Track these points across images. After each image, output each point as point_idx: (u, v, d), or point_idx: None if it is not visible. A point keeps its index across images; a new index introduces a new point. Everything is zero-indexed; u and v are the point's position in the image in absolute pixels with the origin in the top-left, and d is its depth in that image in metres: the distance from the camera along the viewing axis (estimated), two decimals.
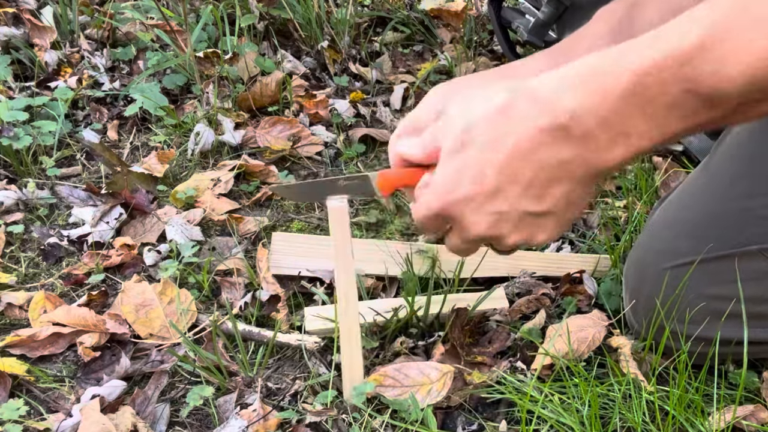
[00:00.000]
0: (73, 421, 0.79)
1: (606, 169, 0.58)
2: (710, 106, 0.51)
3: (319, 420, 0.79)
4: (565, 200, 0.60)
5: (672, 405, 0.77)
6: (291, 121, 1.38)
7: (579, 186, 0.59)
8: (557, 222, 0.62)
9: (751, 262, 0.78)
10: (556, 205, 0.60)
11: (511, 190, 0.59)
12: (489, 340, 0.91)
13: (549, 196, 0.59)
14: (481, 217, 0.61)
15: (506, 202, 0.60)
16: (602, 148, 0.56)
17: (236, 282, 1.01)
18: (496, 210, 0.60)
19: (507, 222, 0.61)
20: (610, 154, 0.56)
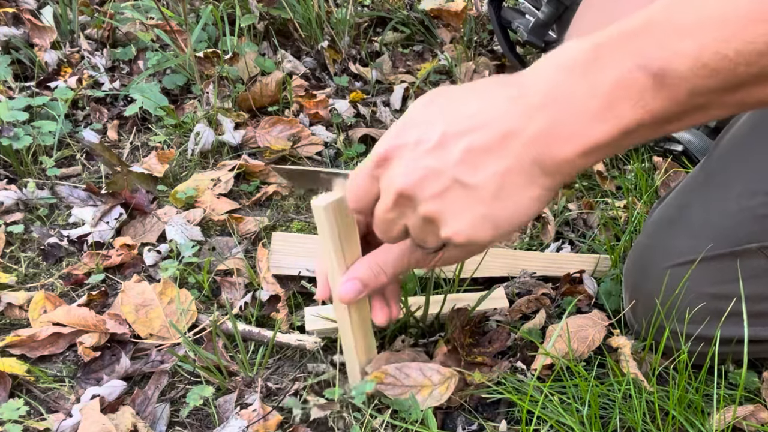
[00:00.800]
0: (73, 421, 0.79)
1: (553, 165, 0.52)
2: (660, 87, 0.47)
3: (324, 414, 0.79)
4: (497, 181, 0.53)
5: (672, 405, 0.77)
6: (291, 121, 1.38)
7: (519, 173, 0.53)
8: (481, 209, 0.55)
9: (751, 260, 0.78)
10: (486, 183, 0.54)
11: (451, 148, 0.54)
12: (489, 340, 0.91)
13: (483, 167, 0.53)
14: (412, 167, 0.55)
15: (442, 159, 0.54)
16: (551, 133, 0.51)
17: (236, 282, 1.01)
18: (430, 165, 0.55)
19: (433, 182, 0.55)
20: (560, 146, 0.51)
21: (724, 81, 0.46)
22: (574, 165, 0.52)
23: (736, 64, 0.44)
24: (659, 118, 0.49)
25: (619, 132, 0.50)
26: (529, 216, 0.56)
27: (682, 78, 0.46)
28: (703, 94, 0.47)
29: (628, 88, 0.48)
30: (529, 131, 0.52)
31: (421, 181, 0.55)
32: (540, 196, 0.55)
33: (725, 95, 0.47)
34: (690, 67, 0.46)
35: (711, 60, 0.45)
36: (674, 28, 0.46)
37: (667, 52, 0.46)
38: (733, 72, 0.45)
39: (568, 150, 0.51)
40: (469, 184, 0.54)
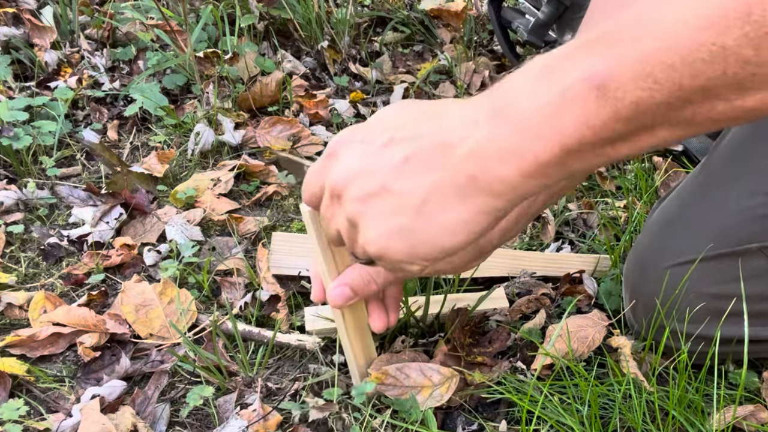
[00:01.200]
0: (73, 421, 0.79)
1: (491, 183, 0.48)
2: (603, 100, 0.43)
3: (323, 416, 0.79)
4: (424, 193, 0.50)
5: (672, 405, 0.77)
6: (291, 121, 1.38)
7: (450, 188, 0.49)
8: (399, 220, 0.51)
9: (751, 260, 0.78)
10: (412, 193, 0.50)
11: (391, 153, 0.51)
12: (489, 340, 0.91)
13: (414, 176, 0.50)
14: (348, 165, 0.53)
15: (379, 162, 0.52)
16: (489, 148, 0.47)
17: (236, 282, 1.01)
18: (364, 166, 0.52)
19: (362, 183, 0.52)
20: (498, 163, 0.47)
21: (669, 94, 0.42)
22: (516, 187, 0.48)
23: (681, 75, 0.41)
24: (603, 137, 0.45)
25: (561, 150, 0.46)
26: (454, 242, 0.51)
27: (626, 90, 0.43)
28: (648, 110, 0.43)
29: (570, 102, 0.44)
30: (467, 144, 0.48)
31: (352, 181, 0.53)
32: (471, 220, 0.50)
33: (671, 112, 0.43)
34: (633, 78, 0.42)
35: (654, 70, 0.42)
36: (621, 39, 0.43)
37: (611, 62, 0.43)
38: (678, 85, 0.41)
39: (506, 168, 0.47)
40: (395, 192, 0.51)
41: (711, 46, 0.40)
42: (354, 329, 0.77)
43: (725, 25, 0.39)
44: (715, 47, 0.40)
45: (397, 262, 0.54)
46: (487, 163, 0.48)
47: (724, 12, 0.39)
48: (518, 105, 0.47)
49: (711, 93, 0.42)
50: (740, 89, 0.41)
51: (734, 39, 0.39)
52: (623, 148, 0.46)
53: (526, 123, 0.46)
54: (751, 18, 0.39)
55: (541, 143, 0.46)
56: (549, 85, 0.46)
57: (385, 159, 0.51)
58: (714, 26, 0.40)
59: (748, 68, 0.40)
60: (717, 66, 0.40)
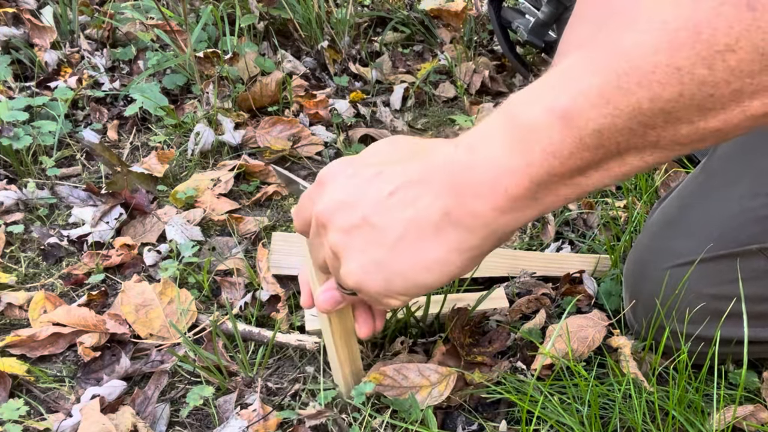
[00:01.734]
0: (73, 421, 0.79)
1: (465, 218, 0.48)
2: (567, 129, 0.44)
3: (318, 423, 0.79)
4: (401, 228, 0.51)
5: (672, 405, 0.77)
6: (291, 121, 1.38)
7: (425, 224, 0.50)
8: (377, 254, 0.52)
9: (752, 261, 0.78)
10: (390, 228, 0.51)
11: (377, 187, 0.52)
12: (489, 340, 0.91)
13: (393, 212, 0.51)
14: (335, 196, 0.54)
15: (364, 195, 0.52)
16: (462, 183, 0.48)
17: (236, 282, 1.01)
18: (349, 198, 0.53)
19: (346, 215, 0.53)
20: (471, 198, 0.48)
21: (629, 119, 0.42)
22: (489, 222, 0.48)
23: (638, 99, 0.41)
24: (571, 167, 0.45)
25: (531, 182, 0.46)
26: (429, 279, 0.51)
27: (588, 118, 0.43)
28: (611, 135, 0.43)
29: (536, 134, 0.45)
30: (442, 180, 0.49)
31: (336, 211, 0.53)
32: (445, 258, 0.50)
33: (635, 138, 0.43)
34: (593, 105, 0.42)
35: (614, 95, 0.41)
36: (583, 67, 0.43)
37: (573, 91, 0.43)
38: (638, 108, 0.41)
39: (479, 203, 0.48)
40: (375, 225, 0.51)
41: (665, 68, 0.40)
42: (340, 336, 0.76)
43: (677, 46, 0.39)
44: (669, 68, 0.40)
45: (374, 294, 0.55)
46: (461, 199, 0.48)
47: (675, 32, 0.39)
48: (489, 141, 0.48)
49: (672, 116, 0.41)
50: (701, 110, 0.41)
51: (687, 59, 0.39)
52: (593, 177, 0.46)
53: (497, 157, 0.47)
54: (701, 37, 0.38)
55: (511, 177, 0.46)
56: (517, 120, 0.46)
57: (370, 192, 0.52)
58: (666, 47, 0.40)
59: (705, 89, 0.40)
60: (673, 88, 0.40)
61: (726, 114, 0.41)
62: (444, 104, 1.58)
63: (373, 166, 0.54)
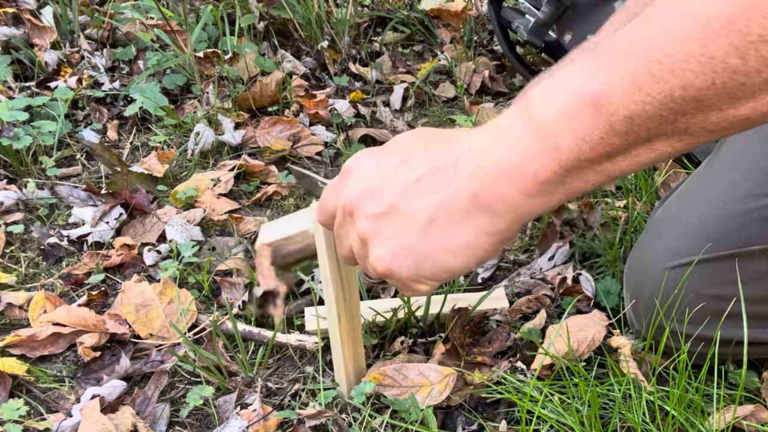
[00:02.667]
0: (73, 421, 0.79)
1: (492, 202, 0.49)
2: (597, 115, 0.44)
3: (318, 423, 0.79)
4: (430, 213, 0.51)
5: (672, 405, 0.77)
6: (291, 121, 1.38)
7: (454, 209, 0.50)
8: (407, 239, 0.52)
9: (753, 262, 0.78)
10: (419, 214, 0.52)
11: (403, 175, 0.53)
12: (489, 340, 0.91)
13: (421, 197, 0.52)
14: (362, 185, 0.55)
15: (390, 183, 0.53)
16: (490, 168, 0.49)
17: (236, 282, 1.01)
18: (376, 186, 0.54)
19: (373, 202, 0.54)
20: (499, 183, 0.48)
21: (660, 107, 0.42)
22: (517, 206, 0.49)
23: (671, 87, 0.41)
24: (600, 152, 0.45)
25: (560, 167, 0.46)
26: (457, 263, 0.52)
27: (619, 104, 0.43)
28: (642, 122, 0.43)
29: (566, 119, 0.45)
30: (470, 166, 0.50)
31: (364, 199, 0.54)
32: (474, 242, 0.51)
33: (665, 124, 0.43)
34: (625, 92, 0.43)
35: (645, 83, 0.42)
36: (613, 54, 0.44)
37: (605, 77, 0.44)
38: (670, 96, 0.42)
39: (507, 187, 0.48)
40: (403, 211, 0.52)
41: (699, 57, 0.40)
42: (348, 335, 0.77)
43: (711, 35, 0.40)
44: (703, 57, 0.40)
45: (404, 280, 0.55)
46: (489, 183, 0.49)
47: (708, 22, 0.40)
48: (516, 126, 0.48)
49: (702, 103, 0.42)
50: (731, 98, 0.41)
51: (720, 48, 0.40)
52: (622, 163, 0.46)
53: (525, 142, 0.47)
54: (735, 27, 0.39)
55: (540, 161, 0.47)
56: (545, 104, 0.47)
57: (397, 180, 0.53)
58: (700, 37, 0.40)
59: (737, 77, 0.40)
60: (706, 76, 0.41)
61: (756, 102, 0.41)
62: (444, 104, 1.57)
63: (398, 154, 0.54)
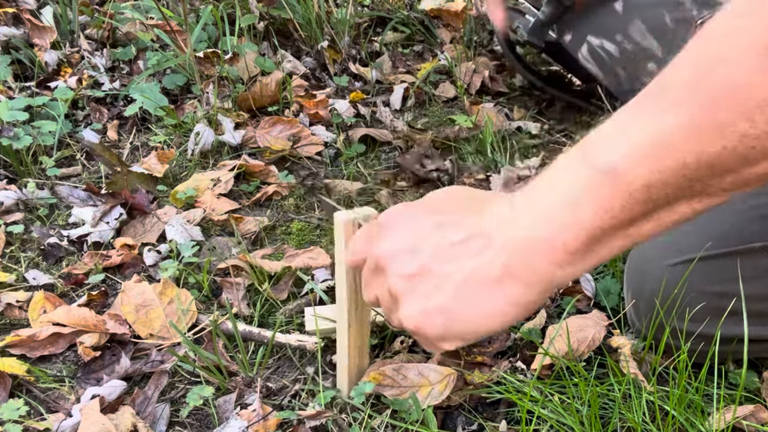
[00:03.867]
0: (73, 421, 0.79)
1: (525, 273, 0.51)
2: (615, 186, 0.46)
3: (317, 424, 0.79)
4: (464, 277, 0.53)
5: (672, 405, 0.77)
6: (291, 121, 1.38)
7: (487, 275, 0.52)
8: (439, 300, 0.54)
9: (755, 259, 0.78)
10: (453, 277, 0.53)
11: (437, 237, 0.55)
12: (489, 340, 0.91)
13: (455, 261, 0.53)
14: (396, 242, 0.57)
15: (424, 243, 0.55)
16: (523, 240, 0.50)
17: (236, 282, 1.00)
18: (410, 245, 0.56)
19: (407, 261, 0.56)
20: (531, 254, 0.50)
21: (676, 174, 0.44)
22: (549, 277, 0.50)
23: (684, 155, 0.43)
24: (623, 220, 0.47)
25: (587, 238, 0.48)
26: (487, 326, 0.54)
27: (636, 174, 0.45)
28: (660, 190, 0.45)
29: (587, 191, 0.47)
30: (503, 236, 0.51)
31: (397, 257, 0.56)
32: (505, 310, 0.52)
33: (683, 190, 0.45)
34: (641, 163, 0.45)
35: (659, 152, 0.44)
36: (630, 124, 0.45)
37: (621, 150, 0.45)
38: (683, 164, 0.43)
39: (538, 258, 0.50)
40: (436, 273, 0.54)
41: (708, 124, 0.41)
42: (356, 344, 0.78)
43: (719, 102, 0.41)
44: (712, 124, 0.41)
45: (431, 338, 0.56)
46: (521, 255, 0.50)
47: (716, 90, 0.41)
48: (544, 199, 0.50)
49: (716, 168, 0.43)
50: (744, 161, 0.42)
51: (728, 114, 0.41)
52: (646, 228, 0.48)
53: (553, 214, 0.49)
54: (741, 93, 0.40)
55: (567, 233, 0.48)
56: (568, 177, 0.49)
57: (432, 241, 0.55)
58: (709, 105, 0.41)
59: (747, 141, 0.41)
60: (717, 141, 0.41)
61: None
62: (444, 104, 1.57)
63: (433, 214, 0.56)
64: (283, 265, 1.02)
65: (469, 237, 0.53)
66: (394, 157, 1.34)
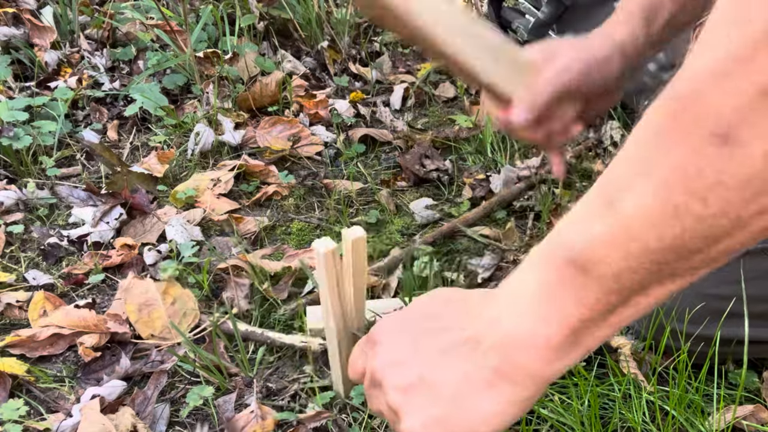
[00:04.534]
0: (73, 421, 0.79)
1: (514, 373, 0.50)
2: (586, 276, 0.45)
3: (317, 425, 0.79)
4: (456, 384, 0.52)
5: (672, 405, 0.77)
6: (291, 121, 1.38)
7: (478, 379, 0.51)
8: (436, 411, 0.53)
9: (754, 261, 0.78)
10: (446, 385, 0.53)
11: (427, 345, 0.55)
12: None
13: (447, 368, 0.53)
14: (388, 355, 0.57)
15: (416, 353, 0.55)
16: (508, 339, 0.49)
17: (237, 282, 1.00)
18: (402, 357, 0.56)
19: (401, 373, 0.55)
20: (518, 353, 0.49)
21: (642, 261, 0.43)
22: (538, 374, 0.50)
23: (646, 240, 0.42)
24: (600, 311, 0.46)
25: (569, 330, 0.47)
26: (489, 429, 0.53)
27: (605, 264, 0.44)
28: (630, 278, 0.44)
29: (562, 284, 0.46)
30: (490, 339, 0.51)
31: (390, 371, 0.56)
32: (502, 411, 0.52)
33: (651, 274, 0.44)
34: (608, 253, 0.43)
35: (623, 240, 0.43)
36: (591, 213, 0.44)
37: (586, 241, 0.44)
38: (647, 249, 0.42)
39: (525, 356, 0.49)
40: (429, 383, 0.53)
41: (663, 208, 0.40)
42: (345, 339, 0.77)
43: (670, 185, 0.40)
44: (667, 208, 0.40)
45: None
46: (508, 355, 0.50)
47: (667, 174, 0.40)
48: (523, 294, 0.49)
49: (682, 250, 0.42)
50: (707, 240, 0.41)
51: (680, 196, 0.40)
52: (625, 314, 0.47)
53: (533, 310, 0.48)
54: (689, 173, 0.39)
55: (549, 328, 0.47)
56: (543, 269, 0.48)
57: (421, 351, 0.54)
58: (662, 189, 0.40)
59: (705, 222, 0.40)
60: (675, 225, 0.40)
61: (733, 239, 0.41)
62: (444, 104, 1.57)
63: (422, 323, 0.56)
64: (283, 265, 1.02)
65: (458, 342, 0.53)
66: (394, 157, 1.34)
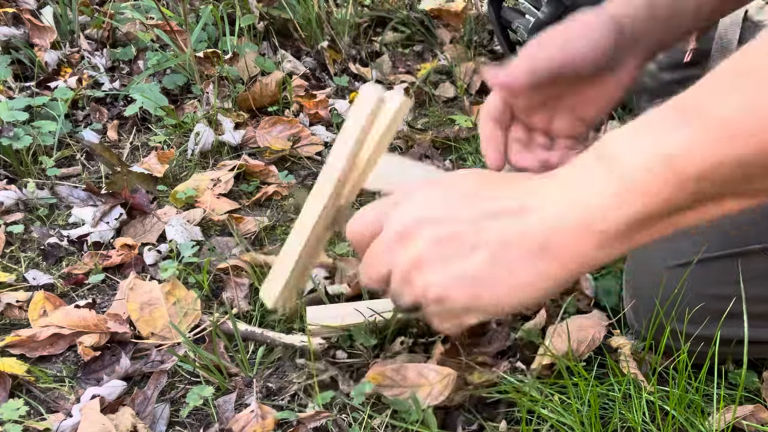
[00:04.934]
0: (73, 421, 0.79)
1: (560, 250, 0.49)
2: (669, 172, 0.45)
3: (317, 425, 0.79)
4: (498, 247, 0.51)
5: (672, 405, 0.77)
6: (291, 121, 1.38)
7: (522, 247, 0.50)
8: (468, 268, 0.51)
9: (754, 261, 0.78)
10: (487, 245, 0.51)
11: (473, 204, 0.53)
12: (489, 340, 0.91)
13: (491, 230, 0.51)
14: (430, 205, 0.54)
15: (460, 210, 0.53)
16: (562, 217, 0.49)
17: (238, 282, 1.00)
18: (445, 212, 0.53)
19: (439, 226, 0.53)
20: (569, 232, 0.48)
21: (731, 168, 0.43)
22: (584, 257, 0.49)
23: (742, 149, 0.42)
24: (669, 209, 0.46)
25: (632, 220, 0.47)
26: (516, 299, 0.52)
27: (690, 164, 0.43)
28: (712, 182, 0.44)
29: (637, 177, 0.45)
30: (541, 212, 0.50)
31: (427, 222, 0.53)
32: (537, 284, 0.51)
33: (734, 185, 0.44)
34: (696, 153, 0.43)
35: (717, 145, 0.42)
36: (690, 112, 0.44)
37: (678, 137, 0.44)
38: (741, 159, 0.42)
39: (575, 239, 0.48)
40: (468, 240, 0.51)
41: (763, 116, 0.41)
42: (302, 266, 0.70)
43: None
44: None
45: (455, 309, 0.54)
46: (558, 232, 0.49)
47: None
48: (585, 179, 0.48)
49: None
50: None
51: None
52: (689, 218, 0.47)
53: (595, 197, 0.47)
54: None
55: (611, 215, 0.47)
56: (615, 161, 0.47)
57: (464, 209, 0.52)
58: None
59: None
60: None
61: None
62: (444, 104, 1.57)
63: (464, 185, 0.54)
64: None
65: (506, 210, 0.51)
66: None
